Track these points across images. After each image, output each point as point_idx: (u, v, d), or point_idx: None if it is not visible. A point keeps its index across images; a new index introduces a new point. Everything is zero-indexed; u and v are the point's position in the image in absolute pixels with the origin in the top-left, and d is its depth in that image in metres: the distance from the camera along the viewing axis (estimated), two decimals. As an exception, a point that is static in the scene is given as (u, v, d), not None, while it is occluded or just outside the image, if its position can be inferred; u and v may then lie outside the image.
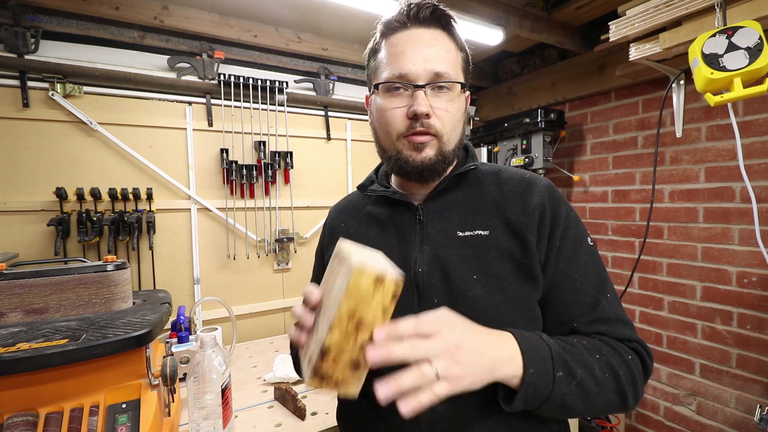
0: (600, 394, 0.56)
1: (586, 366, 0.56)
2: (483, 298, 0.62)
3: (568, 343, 0.59)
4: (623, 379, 0.57)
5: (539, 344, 0.55)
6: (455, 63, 0.66)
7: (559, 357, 0.55)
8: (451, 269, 0.64)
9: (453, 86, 0.65)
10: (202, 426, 0.87)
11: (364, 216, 0.77)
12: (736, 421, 1.54)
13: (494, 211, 0.67)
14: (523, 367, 0.52)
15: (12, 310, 0.88)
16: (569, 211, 0.68)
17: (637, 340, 0.62)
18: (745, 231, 1.50)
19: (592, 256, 0.66)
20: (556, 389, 0.53)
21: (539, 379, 0.52)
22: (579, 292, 0.63)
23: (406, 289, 0.64)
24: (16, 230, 1.43)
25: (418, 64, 0.62)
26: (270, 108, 1.88)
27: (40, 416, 0.75)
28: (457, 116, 0.66)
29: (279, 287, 1.97)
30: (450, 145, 0.66)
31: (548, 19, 1.78)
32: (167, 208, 1.69)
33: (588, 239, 0.68)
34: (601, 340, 0.61)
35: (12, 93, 1.43)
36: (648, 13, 1.28)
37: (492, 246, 0.64)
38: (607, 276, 0.66)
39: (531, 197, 0.67)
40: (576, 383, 0.54)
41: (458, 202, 0.69)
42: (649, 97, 1.78)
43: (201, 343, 0.88)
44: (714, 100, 1.04)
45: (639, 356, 0.61)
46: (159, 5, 1.54)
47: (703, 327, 1.63)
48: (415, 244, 0.68)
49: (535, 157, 2.00)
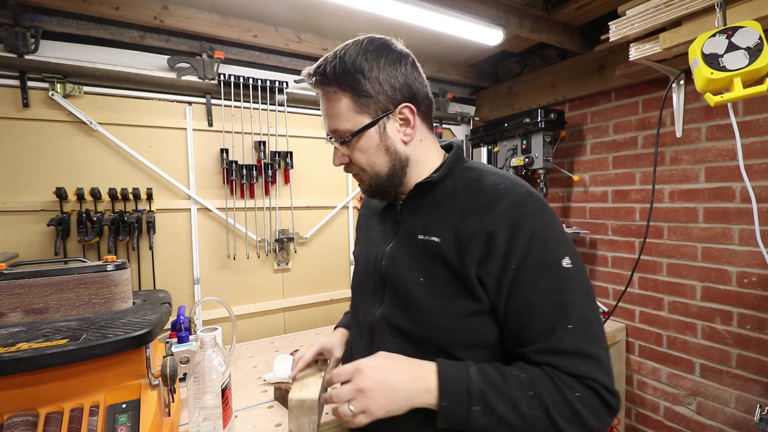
0: (529, 428, 0.58)
1: (510, 402, 0.58)
2: (421, 300, 0.69)
3: (503, 377, 0.60)
4: (556, 417, 0.57)
5: (460, 380, 0.60)
6: (344, 113, 0.69)
7: (479, 392, 0.59)
8: (403, 268, 0.73)
9: (346, 137, 0.71)
10: (202, 426, 0.87)
11: (374, 207, 0.90)
12: (736, 421, 1.54)
13: (453, 221, 0.68)
14: (437, 398, 0.60)
15: (12, 310, 0.88)
16: (537, 231, 0.62)
17: (595, 378, 0.58)
18: (745, 231, 1.49)
19: (560, 280, 0.61)
20: (473, 421, 0.58)
21: (453, 411, 0.59)
22: (534, 319, 0.61)
23: (376, 276, 0.80)
24: (16, 230, 1.43)
25: (326, 126, 0.73)
26: (270, 108, 1.88)
27: (40, 416, 0.75)
28: (367, 155, 0.72)
29: (279, 287, 1.97)
30: (379, 176, 0.74)
31: (548, 19, 1.78)
32: (167, 208, 1.69)
33: (564, 261, 0.62)
34: (547, 374, 0.59)
35: (12, 93, 1.43)
36: (648, 13, 1.28)
37: (439, 254, 0.68)
38: (578, 304, 0.61)
39: (486, 217, 0.65)
40: (497, 417, 0.58)
41: (429, 206, 0.74)
42: (649, 97, 1.78)
43: (201, 343, 0.88)
44: (714, 100, 1.04)
45: (595, 393, 0.58)
46: (159, 5, 1.54)
47: (703, 327, 1.63)
48: (389, 239, 0.79)
49: (535, 157, 2.00)
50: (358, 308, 0.87)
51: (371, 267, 0.81)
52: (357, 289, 0.89)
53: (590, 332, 0.60)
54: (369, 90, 0.67)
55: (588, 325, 0.60)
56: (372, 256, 0.82)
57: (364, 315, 0.82)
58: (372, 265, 0.81)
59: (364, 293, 0.83)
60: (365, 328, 0.81)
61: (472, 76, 2.42)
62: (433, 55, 2.18)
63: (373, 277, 0.81)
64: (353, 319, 0.90)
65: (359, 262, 0.89)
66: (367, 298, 0.82)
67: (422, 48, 2.04)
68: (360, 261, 0.89)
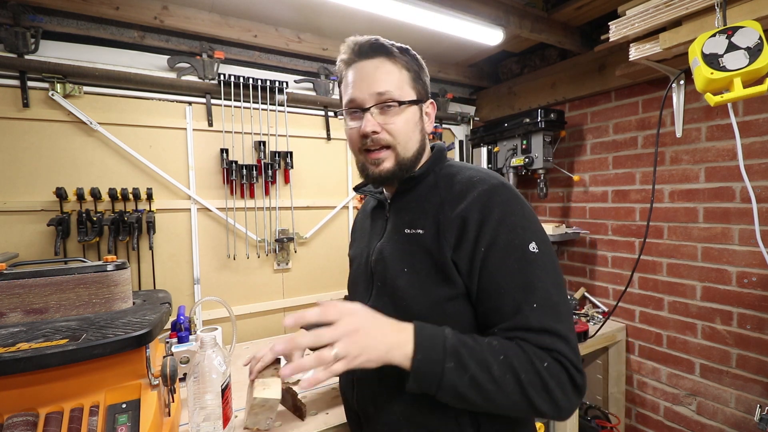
0: (499, 393, 0.59)
1: (483, 363, 0.60)
2: (404, 290, 0.73)
3: (476, 341, 0.63)
4: (526, 384, 0.59)
5: (435, 336, 0.62)
6: (399, 82, 0.76)
7: (453, 349, 0.60)
8: (389, 261, 0.77)
9: (398, 101, 0.74)
10: (202, 426, 0.87)
11: (367, 209, 0.97)
12: (736, 421, 1.54)
13: (434, 212, 0.74)
14: (413, 353, 0.60)
15: (12, 310, 0.88)
16: (506, 216, 0.67)
17: (561, 352, 0.61)
18: (745, 231, 1.50)
19: (528, 263, 0.65)
20: (446, 378, 0.59)
21: (426, 365, 0.59)
22: (502, 299, 0.65)
23: (367, 272, 0.83)
24: (16, 230, 1.43)
25: (363, 90, 0.75)
26: (270, 108, 1.88)
27: (40, 416, 0.75)
28: (408, 127, 0.76)
29: (279, 287, 1.97)
30: (408, 153, 0.77)
31: (548, 19, 1.78)
32: (167, 208, 1.69)
33: (531, 245, 0.66)
34: (518, 344, 0.62)
35: (12, 93, 1.43)
36: (648, 13, 1.28)
37: (421, 244, 0.73)
38: (545, 284, 0.64)
39: (460, 204, 0.70)
40: (469, 377, 0.59)
41: (414, 201, 0.79)
42: (649, 97, 1.78)
43: (201, 343, 0.88)
44: (714, 100, 1.04)
45: (563, 368, 0.61)
46: (159, 5, 1.54)
47: (703, 327, 1.63)
48: (379, 236, 0.83)
49: (535, 157, 2.00)
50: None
51: (363, 264, 0.87)
52: (351, 287, 0.97)
53: (556, 312, 0.63)
54: (423, 79, 0.81)
55: (554, 306, 0.63)
56: (364, 254, 0.87)
57: None
58: (363, 262, 0.86)
59: (357, 290, 0.89)
60: None
61: (472, 76, 2.42)
62: (433, 55, 2.18)
63: (364, 274, 0.85)
64: None
65: (354, 262, 0.94)
66: (358, 294, 0.87)
67: (422, 48, 2.04)
68: (354, 261, 0.94)
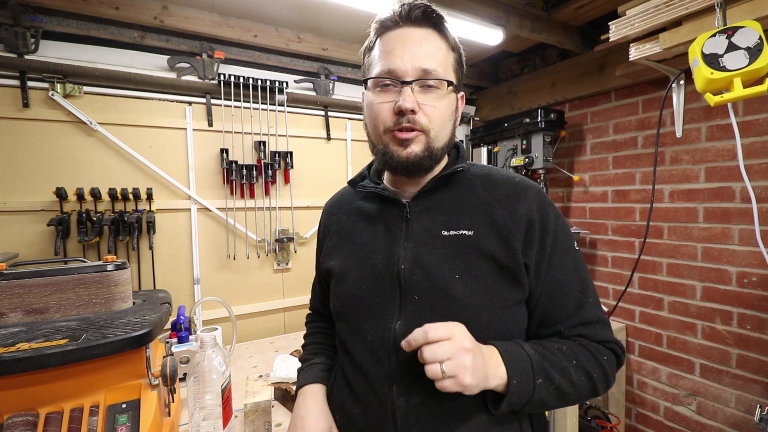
0: (574, 393, 0.63)
1: (564, 372, 0.62)
2: (464, 298, 0.64)
3: (548, 350, 0.64)
4: (597, 381, 0.64)
5: (521, 356, 0.61)
6: (445, 62, 0.67)
7: (539, 366, 0.61)
8: (433, 268, 0.66)
9: (441, 84, 0.65)
10: (202, 426, 0.87)
11: (354, 210, 0.80)
12: (736, 421, 1.54)
13: (481, 212, 0.68)
14: (507, 378, 0.59)
15: (12, 310, 0.88)
16: (558, 217, 0.70)
17: (614, 341, 0.68)
18: (745, 231, 1.49)
19: (578, 260, 0.70)
20: (536, 394, 0.60)
21: (522, 387, 0.59)
22: (567, 297, 0.67)
23: (388, 284, 0.68)
24: (16, 230, 1.43)
25: (406, 61, 0.64)
26: (270, 108, 1.88)
27: (40, 416, 0.75)
28: (446, 114, 0.67)
29: (279, 287, 1.97)
30: (438, 142, 0.68)
31: (548, 19, 1.78)
32: (167, 208, 1.69)
33: (575, 244, 0.70)
34: (581, 344, 0.66)
35: (12, 93, 1.43)
36: (648, 13, 1.28)
37: (476, 247, 0.66)
38: (590, 279, 0.70)
39: (520, 204, 0.68)
40: (554, 387, 0.61)
41: (446, 201, 0.71)
42: (649, 97, 1.78)
43: (201, 343, 0.88)
44: (714, 100, 1.04)
45: (614, 354, 0.68)
46: (159, 5, 1.54)
47: (703, 327, 1.63)
48: (400, 241, 0.70)
49: (535, 157, 2.00)
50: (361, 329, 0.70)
51: (378, 275, 0.69)
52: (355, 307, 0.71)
53: (599, 303, 0.71)
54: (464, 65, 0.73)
55: (597, 296, 0.71)
56: (378, 263, 0.70)
57: (376, 334, 0.67)
58: (379, 272, 0.69)
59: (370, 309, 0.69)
60: (383, 349, 0.66)
61: (472, 76, 2.42)
62: (433, 55, 2.18)
63: (382, 287, 0.68)
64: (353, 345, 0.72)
65: (347, 275, 0.73)
66: (375, 313, 0.68)
67: (422, 48, 2.04)
68: (348, 273, 0.73)
